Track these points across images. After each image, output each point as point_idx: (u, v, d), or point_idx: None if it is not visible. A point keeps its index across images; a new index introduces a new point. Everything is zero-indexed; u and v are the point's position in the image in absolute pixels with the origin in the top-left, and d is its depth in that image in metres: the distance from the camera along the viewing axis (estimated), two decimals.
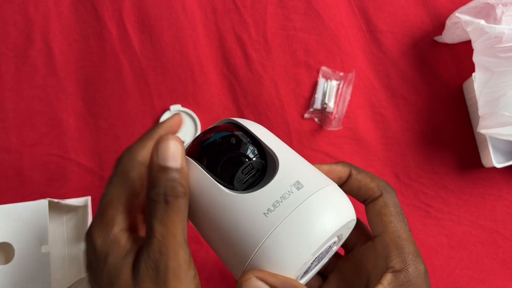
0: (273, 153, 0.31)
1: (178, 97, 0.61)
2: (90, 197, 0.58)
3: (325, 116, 0.61)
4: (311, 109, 0.61)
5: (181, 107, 0.61)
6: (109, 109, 0.61)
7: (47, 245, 0.49)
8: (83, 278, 0.54)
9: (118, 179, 0.31)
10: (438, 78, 0.63)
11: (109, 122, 0.61)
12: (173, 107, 0.60)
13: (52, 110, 0.61)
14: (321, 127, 0.61)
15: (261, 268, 0.28)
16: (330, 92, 0.61)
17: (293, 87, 0.62)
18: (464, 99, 0.62)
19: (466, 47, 0.62)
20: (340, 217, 0.30)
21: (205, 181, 0.30)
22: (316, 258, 0.31)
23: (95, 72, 0.61)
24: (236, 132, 0.33)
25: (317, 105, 0.61)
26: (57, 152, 0.60)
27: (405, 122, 0.62)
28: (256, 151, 0.32)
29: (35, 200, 0.50)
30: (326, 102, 0.61)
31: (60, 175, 0.60)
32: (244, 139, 0.32)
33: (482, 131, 0.55)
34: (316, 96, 0.61)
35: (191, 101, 0.61)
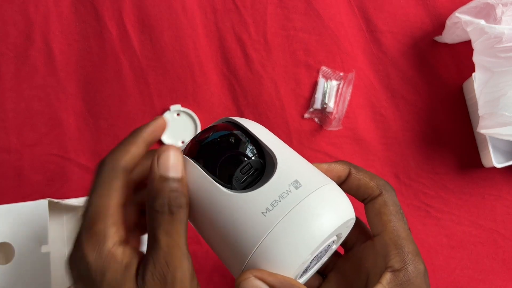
0: (272, 152, 0.31)
1: (178, 97, 0.61)
2: None
3: (325, 116, 0.61)
4: (311, 109, 0.61)
5: (181, 107, 0.61)
6: (109, 109, 0.61)
7: (47, 245, 0.49)
8: None
9: (102, 189, 0.30)
10: (438, 78, 0.63)
11: (109, 122, 0.61)
12: (173, 107, 0.60)
13: (52, 110, 0.61)
14: (321, 127, 0.61)
15: (260, 267, 0.28)
16: (330, 92, 0.61)
17: (293, 87, 0.62)
18: (464, 99, 0.62)
19: (466, 47, 0.62)
20: (338, 216, 0.30)
21: (204, 180, 0.30)
22: (315, 257, 0.31)
23: (95, 72, 0.61)
24: (234, 131, 0.33)
25: (317, 105, 0.61)
26: (57, 152, 0.60)
27: (405, 122, 0.62)
28: (254, 150, 0.32)
29: (35, 200, 0.50)
30: (326, 102, 0.61)
31: (60, 175, 0.60)
32: (242, 138, 0.32)
33: (482, 131, 0.55)
34: (316, 96, 0.61)
35: (191, 101, 0.61)
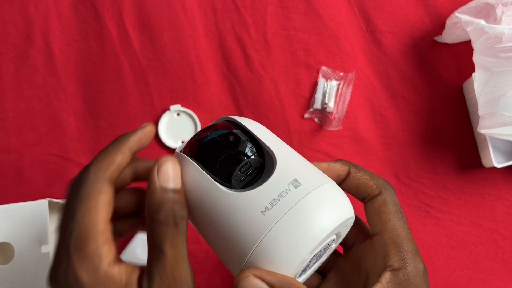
0: (271, 151, 0.31)
1: (178, 97, 0.61)
2: None
3: (325, 116, 0.61)
4: (311, 109, 0.61)
5: (181, 107, 0.61)
6: (109, 109, 0.61)
7: (47, 245, 0.49)
8: None
9: (89, 203, 0.28)
10: (438, 78, 0.63)
11: (109, 122, 0.61)
12: (173, 107, 0.60)
13: (52, 110, 0.61)
14: (321, 127, 0.61)
15: (259, 266, 0.28)
16: (330, 92, 0.61)
17: (293, 87, 0.62)
18: (464, 99, 0.62)
19: (466, 47, 0.61)
20: (338, 215, 0.29)
21: (203, 179, 0.30)
22: (314, 256, 0.31)
23: (95, 72, 0.61)
24: (234, 130, 0.33)
25: (317, 105, 0.61)
26: (57, 152, 0.61)
27: (405, 122, 0.62)
28: (254, 149, 0.32)
29: (35, 200, 0.50)
30: (326, 102, 0.61)
31: (60, 175, 0.60)
32: (242, 137, 0.32)
33: (482, 131, 0.55)
34: (316, 96, 0.61)
35: (191, 101, 0.61)
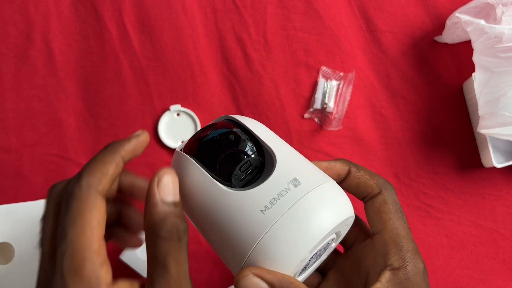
0: (271, 150, 0.31)
1: (178, 97, 0.61)
2: None
3: (325, 116, 0.61)
4: (311, 109, 0.61)
5: (181, 107, 0.61)
6: (109, 109, 0.61)
7: None
8: None
9: (83, 220, 0.27)
10: (438, 78, 0.63)
11: (109, 122, 0.61)
12: (173, 107, 0.60)
13: (52, 110, 0.61)
14: (321, 127, 0.61)
15: (259, 265, 0.28)
16: (330, 92, 0.61)
17: (293, 87, 0.62)
18: (464, 99, 0.62)
19: (466, 47, 0.62)
20: (337, 214, 0.29)
21: (203, 178, 0.30)
22: (314, 255, 0.30)
23: (95, 72, 0.61)
24: (234, 129, 0.33)
25: (317, 105, 0.61)
26: (57, 152, 0.61)
27: (405, 122, 0.62)
28: (254, 148, 0.32)
29: (35, 200, 0.50)
30: (326, 102, 0.61)
31: (60, 175, 0.60)
32: (242, 136, 0.32)
33: (482, 131, 0.55)
34: (316, 96, 0.61)
35: (191, 101, 0.61)
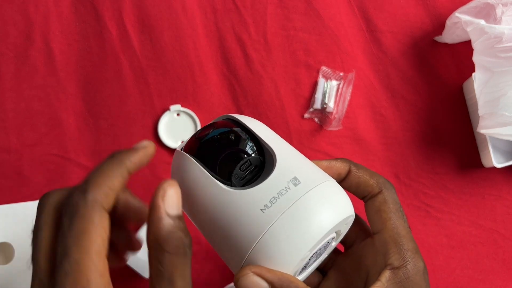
0: (271, 149, 0.31)
1: (178, 97, 0.61)
2: None
3: (325, 116, 0.61)
4: (311, 109, 0.61)
5: (181, 107, 0.61)
6: (109, 109, 0.61)
7: None
8: None
9: (86, 242, 0.25)
10: (438, 78, 0.63)
11: (109, 122, 0.61)
12: (173, 107, 0.60)
13: (52, 110, 0.61)
14: (321, 127, 0.61)
15: (259, 263, 0.28)
16: (330, 92, 0.61)
17: (293, 87, 0.62)
18: (464, 99, 0.62)
19: (466, 47, 0.62)
20: (337, 213, 0.30)
21: (203, 177, 0.30)
22: (314, 254, 0.31)
23: (95, 72, 0.61)
24: (234, 128, 0.33)
25: (317, 105, 0.61)
26: (57, 152, 0.60)
27: (405, 122, 0.62)
28: (254, 147, 0.32)
29: (35, 200, 0.50)
30: (326, 102, 0.61)
31: (60, 175, 0.60)
32: (242, 135, 0.32)
33: (482, 131, 0.55)
34: (316, 96, 0.61)
35: (191, 101, 0.61)
